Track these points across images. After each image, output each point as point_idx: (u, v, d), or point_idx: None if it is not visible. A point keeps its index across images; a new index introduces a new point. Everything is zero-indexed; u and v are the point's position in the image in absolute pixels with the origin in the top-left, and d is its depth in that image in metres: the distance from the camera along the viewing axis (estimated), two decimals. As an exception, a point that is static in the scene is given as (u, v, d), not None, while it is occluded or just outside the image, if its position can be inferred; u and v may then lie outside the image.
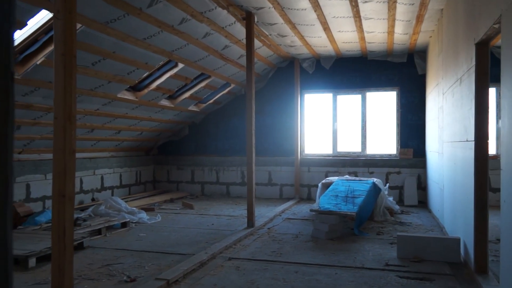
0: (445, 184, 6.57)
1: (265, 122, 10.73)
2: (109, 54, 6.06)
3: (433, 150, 8.09)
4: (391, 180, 9.78)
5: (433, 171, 8.19)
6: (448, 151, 6.15)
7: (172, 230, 6.80)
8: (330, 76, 10.32)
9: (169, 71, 7.84)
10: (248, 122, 6.81)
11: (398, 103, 9.95)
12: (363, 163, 10.01)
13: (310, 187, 10.35)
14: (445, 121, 6.44)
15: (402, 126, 9.88)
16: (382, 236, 6.37)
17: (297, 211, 8.70)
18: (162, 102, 8.87)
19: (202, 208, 8.99)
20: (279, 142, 10.63)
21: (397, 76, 9.94)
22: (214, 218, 7.92)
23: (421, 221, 7.50)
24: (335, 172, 10.13)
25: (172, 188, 11.28)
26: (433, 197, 8.29)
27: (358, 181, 7.82)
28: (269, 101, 10.72)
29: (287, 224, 7.35)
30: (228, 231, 6.71)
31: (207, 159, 11.07)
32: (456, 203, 5.42)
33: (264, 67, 10.16)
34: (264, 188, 10.64)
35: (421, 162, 9.66)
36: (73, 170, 2.71)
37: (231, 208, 9.07)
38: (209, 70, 8.56)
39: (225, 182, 10.93)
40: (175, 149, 11.34)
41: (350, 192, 7.17)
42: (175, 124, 10.66)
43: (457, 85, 5.33)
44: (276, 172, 10.58)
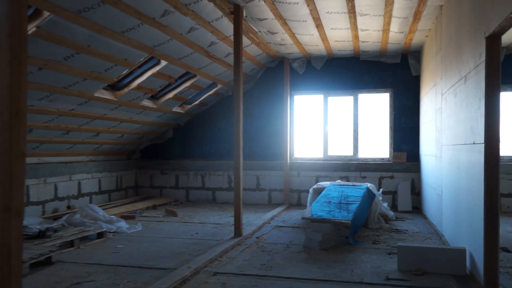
0: (444, 190, 6.19)
1: (253, 124, 10.28)
2: (83, 48, 5.56)
3: (429, 153, 7.72)
4: (384, 185, 9.40)
5: (429, 175, 7.82)
6: (449, 155, 5.76)
7: (153, 241, 6.30)
8: (321, 77, 9.93)
9: (151, 69, 7.35)
10: (236, 124, 6.35)
11: (391, 105, 9.59)
12: (355, 167, 9.62)
13: (300, 192, 9.91)
14: (445, 123, 6.06)
15: (395, 129, 9.51)
16: (378, 245, 5.95)
17: (287, 218, 8.26)
18: (144, 103, 8.36)
19: (187, 215, 8.48)
20: (268, 145, 10.19)
21: (390, 77, 9.59)
22: (199, 226, 7.43)
23: (418, 228, 7.11)
24: (326, 176, 9.71)
25: (155, 194, 10.74)
26: (428, 203, 7.92)
27: (352, 186, 7.41)
28: (257, 102, 10.28)
29: (277, 232, 6.90)
30: (214, 240, 6.23)
31: (193, 163, 10.57)
32: (459, 210, 5.02)
33: (252, 67, 9.72)
34: (252, 193, 10.17)
35: (415, 166, 9.30)
36: (22, 177, 2.22)
37: (217, 215, 8.58)
38: (195, 69, 8.08)
39: (211, 187, 10.44)
40: (159, 152, 10.82)
41: (344, 198, 6.75)
42: (159, 127, 10.15)
43: (461, 84, 4.94)
44: (265, 176, 10.13)
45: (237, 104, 6.33)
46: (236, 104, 6.34)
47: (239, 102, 6.32)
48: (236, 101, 6.35)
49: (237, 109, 6.32)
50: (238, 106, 6.32)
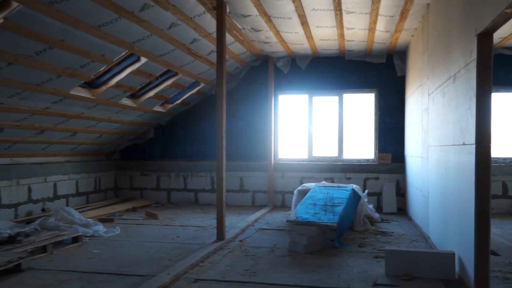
0: (431, 192, 6.07)
1: (237, 124, 10.07)
2: (57, 42, 5.27)
3: (415, 155, 7.62)
4: (369, 186, 9.28)
5: (414, 177, 7.71)
6: (436, 156, 5.64)
7: (131, 245, 6.03)
8: (305, 77, 9.77)
9: (131, 66, 7.07)
10: (219, 124, 6.13)
11: (377, 105, 9.49)
12: (340, 168, 9.48)
13: (284, 194, 9.74)
14: (432, 124, 5.94)
15: (380, 130, 9.41)
16: (364, 248, 5.80)
17: (271, 220, 8.06)
18: (123, 101, 8.07)
19: (168, 218, 8.22)
20: (252, 146, 9.99)
21: (375, 77, 9.48)
22: (180, 229, 7.18)
23: (403, 231, 6.99)
24: (311, 177, 9.55)
25: (136, 196, 10.44)
26: (414, 204, 7.82)
27: (337, 187, 7.25)
28: (241, 102, 10.07)
29: (261, 235, 6.70)
30: (195, 244, 6.00)
31: (174, 164, 10.30)
32: (447, 213, 4.89)
33: (236, 65, 9.51)
34: (235, 195, 9.95)
35: (400, 168, 9.20)
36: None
37: (199, 217, 8.34)
38: (176, 67, 7.83)
39: (194, 189, 10.19)
40: (139, 153, 10.53)
41: (329, 200, 6.59)
42: (139, 126, 9.85)
43: (450, 83, 4.82)
44: (248, 177, 9.92)
45: (220, 103, 6.11)
46: (219, 103, 6.12)
47: (222, 101, 6.10)
48: (219, 100, 6.13)
49: (220, 108, 6.10)
50: (221, 105, 6.10)
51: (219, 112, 6.10)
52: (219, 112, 6.10)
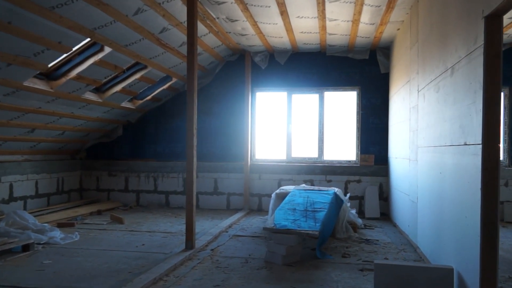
0: (420, 197, 5.60)
1: (211, 123, 9.46)
2: (3, 25, 4.57)
3: (401, 156, 7.17)
4: (350, 189, 8.80)
5: (400, 180, 7.26)
6: (427, 158, 5.17)
7: (89, 254, 5.36)
8: (284, 73, 9.23)
9: (93, 56, 6.40)
10: (189, 120, 5.53)
11: (359, 104, 9.02)
12: (320, 170, 8.97)
13: (261, 197, 9.17)
14: (422, 123, 5.47)
15: (363, 130, 8.95)
16: (349, 259, 5.28)
17: (247, 225, 7.48)
18: (87, 96, 7.37)
19: (134, 222, 7.55)
20: (227, 146, 9.40)
21: (358, 74, 9.02)
22: (147, 235, 6.53)
23: (389, 238, 6.51)
24: (289, 180, 9.03)
25: (102, 198, 9.71)
26: (399, 210, 7.36)
27: (318, 191, 6.73)
28: (216, 99, 9.46)
29: (235, 243, 6.11)
30: (162, 254, 5.37)
31: (144, 164, 9.62)
32: (442, 221, 4.41)
33: (210, 59, 8.90)
34: (209, 197, 9.34)
35: (383, 170, 8.76)
36: None
37: (169, 222, 7.69)
38: (145, 59, 7.17)
39: (164, 190, 9.52)
40: (107, 152, 9.80)
41: (310, 205, 6.05)
42: (106, 123, 9.14)
43: (446, 76, 4.34)
44: (223, 179, 9.32)
45: (191, 97, 5.50)
46: (189, 97, 5.51)
47: (193, 96, 5.49)
48: (189, 94, 5.52)
49: (191, 103, 5.49)
50: (192, 100, 5.49)
51: (189, 107, 5.49)
52: (189, 107, 5.49)
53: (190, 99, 5.47)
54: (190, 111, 5.47)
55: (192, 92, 5.46)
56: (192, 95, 5.46)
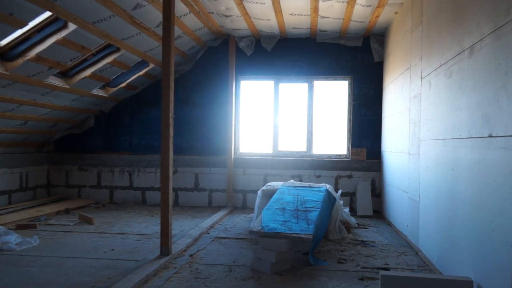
0: (423, 195, 5.03)
1: (192, 113, 8.76)
2: None
3: (397, 150, 6.60)
4: (341, 185, 8.23)
5: (396, 176, 6.70)
6: (434, 152, 4.58)
7: (47, 263, 4.64)
8: (271, 60, 8.57)
9: (55, 34, 5.63)
10: (165, 107, 4.83)
11: (350, 94, 8.43)
12: (309, 164, 8.37)
13: (245, 193, 8.53)
14: (427, 113, 4.88)
15: (355, 122, 8.36)
16: (345, 265, 4.68)
17: (230, 225, 6.84)
18: (51, 81, 6.60)
19: (106, 223, 6.83)
20: (209, 138, 8.71)
21: (350, 62, 8.42)
22: (118, 238, 5.83)
23: (386, 239, 5.95)
24: (276, 175, 8.40)
25: (72, 195, 8.93)
26: (394, 207, 6.81)
27: (309, 188, 6.12)
28: (197, 88, 8.76)
29: (217, 246, 5.46)
30: (133, 261, 4.69)
31: (119, 158, 8.87)
32: (456, 225, 3.83)
33: (191, 44, 8.17)
34: (189, 194, 8.66)
35: (376, 165, 8.20)
36: None
37: (144, 221, 7.00)
38: (116, 39, 6.42)
39: (141, 186, 8.79)
40: (77, 144, 9.01)
41: (301, 204, 5.43)
42: (76, 113, 8.35)
43: (462, 59, 3.74)
44: (205, 174, 8.64)
45: (167, 82, 4.80)
46: (165, 82, 4.81)
47: (169, 80, 4.79)
48: (165, 79, 4.81)
49: (167, 88, 4.79)
50: (168, 85, 4.79)
51: (165, 93, 4.79)
52: (164, 93, 4.79)
53: (166, 83, 4.77)
54: (165, 97, 4.77)
55: (168, 75, 4.76)
56: (168, 79, 4.76)
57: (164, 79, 4.78)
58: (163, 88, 4.78)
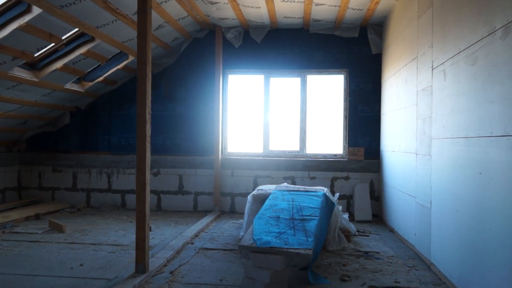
0: (436, 201, 4.45)
1: (176, 110, 8.09)
2: None
3: (401, 149, 6.02)
4: (337, 188, 7.64)
5: (399, 178, 6.13)
6: (453, 152, 4.00)
7: (1, 283, 3.95)
8: (261, 53, 7.94)
9: (17, 19, 4.93)
10: (140, 102, 4.16)
11: (346, 89, 7.84)
12: (302, 165, 7.75)
13: (234, 197, 7.88)
14: (442, 107, 4.30)
15: (351, 119, 7.77)
16: (350, 283, 4.08)
17: (217, 233, 6.19)
18: (17, 73, 5.89)
19: (79, 230, 6.14)
20: (194, 137, 8.05)
21: (345, 55, 7.82)
22: (91, 250, 5.15)
23: (391, 249, 5.36)
24: (267, 177, 7.78)
25: (46, 198, 8.20)
26: (397, 212, 6.24)
27: (304, 192, 5.51)
28: (181, 82, 8.09)
29: (202, 260, 4.81)
30: (103, 280, 4.03)
31: (96, 158, 8.16)
32: (486, 242, 3.24)
33: (174, 35, 7.50)
34: (173, 197, 7.98)
35: (374, 165, 7.62)
36: None
37: (122, 229, 6.32)
38: (89, 27, 5.74)
39: (120, 189, 8.10)
40: (51, 144, 8.28)
41: (297, 211, 4.82)
42: (49, 109, 7.63)
43: (492, 41, 3.15)
44: (190, 176, 7.98)
45: (143, 72, 4.14)
46: (140, 72, 4.15)
47: (145, 69, 4.13)
48: (140, 68, 4.15)
49: (143, 79, 4.13)
50: (144, 75, 4.13)
51: (140, 84, 4.12)
52: (140, 85, 4.12)
53: (142, 73, 4.11)
54: (141, 90, 4.11)
55: (145, 64, 4.11)
56: (144, 69, 4.10)
57: (140, 69, 4.12)
58: (138, 79, 4.11)
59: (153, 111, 8.07)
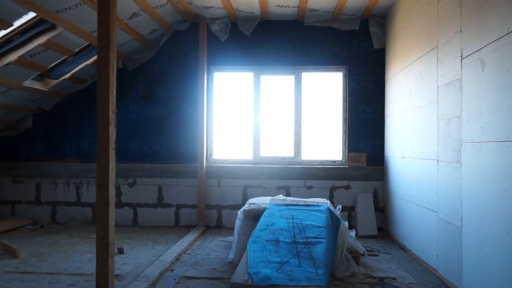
0: (470, 219, 3.63)
1: (155, 112, 7.17)
2: None
3: (414, 155, 5.21)
4: (337, 198, 6.81)
5: (412, 187, 5.31)
6: (498, 160, 3.18)
7: None
8: (251, 47, 7.09)
9: (-49, -3, 3.99)
10: (102, 98, 3.26)
11: (346, 88, 7.02)
12: (297, 173, 6.90)
13: (220, 209, 6.98)
14: (479, 104, 3.49)
15: (351, 122, 6.95)
16: (369, 325, 3.21)
17: (202, 254, 5.28)
18: (-41, 66, 4.92)
19: (36, 254, 5.16)
20: (176, 142, 7.14)
21: (344, 50, 7.02)
22: (45, 282, 4.19)
23: (408, 274, 4.52)
24: (258, 186, 6.90)
25: (5, 213, 7.17)
26: (409, 227, 5.42)
27: (304, 207, 4.67)
28: (160, 80, 7.18)
29: (184, 293, 3.91)
30: (54, 329, 3.09)
31: (64, 166, 7.17)
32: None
33: (152, 26, 6.60)
34: (151, 211, 7.04)
35: (378, 172, 6.81)
36: None
37: (89, 251, 5.36)
38: (48, 11, 4.79)
39: (91, 202, 7.12)
40: (11, 150, 7.28)
41: (299, 232, 3.96)
42: (6, 111, 6.65)
43: None
44: (171, 186, 7.05)
45: (104, 61, 3.24)
46: (102, 62, 3.24)
47: (108, 56, 3.23)
48: (102, 56, 3.25)
49: (104, 69, 3.23)
50: (107, 64, 3.23)
51: (102, 75, 3.22)
52: (102, 76, 3.22)
53: (104, 61, 3.21)
54: (103, 83, 3.20)
55: (107, 50, 3.21)
56: (107, 55, 3.21)
57: (101, 54, 3.21)
58: (99, 69, 3.21)
59: (128, 113, 7.15)
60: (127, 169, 7.03)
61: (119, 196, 7.04)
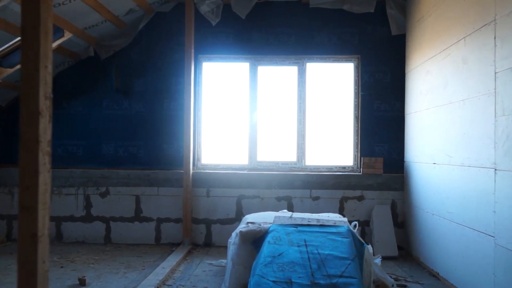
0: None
1: (133, 108, 6.06)
2: None
3: (452, 162, 4.17)
4: (348, 211, 5.75)
5: (448, 202, 4.28)
6: None
7: None
8: (247, 33, 6.02)
9: None
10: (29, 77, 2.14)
11: (358, 81, 5.98)
12: (301, 181, 5.82)
13: (210, 224, 5.87)
14: None
15: (364, 120, 5.91)
16: None
17: (187, 285, 4.17)
18: None
19: (-27, 288, 4.02)
20: (157, 144, 6.03)
21: (357, 37, 5.98)
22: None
23: (452, 315, 3.47)
24: (255, 197, 5.81)
25: (-49, 228, 6.01)
26: (446, 251, 4.38)
27: (318, 228, 3.62)
28: (139, 72, 6.07)
29: None
30: None
31: (23, 173, 6.02)
32: None
33: (129, 5, 5.49)
34: (127, 226, 5.91)
35: (396, 181, 5.76)
36: None
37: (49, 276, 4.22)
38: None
39: (55, 215, 5.96)
40: (-40, 154, 6.12)
41: (318, 267, 2.90)
42: (-50, 106, 5.50)
43: None
44: (151, 197, 5.92)
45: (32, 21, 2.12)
46: (28, 22, 2.13)
47: (38, 11, 2.11)
48: (27, 12, 2.13)
49: (33, 28, 2.11)
50: (36, 23, 2.11)
51: (29, 36, 2.11)
52: (29, 38, 2.11)
53: (32, 19, 2.10)
54: (30, 47, 2.09)
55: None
56: (36, 7, 2.09)
57: (26, 11, 2.10)
58: (23, 28, 2.09)
59: (101, 110, 6.04)
60: (98, 176, 5.91)
61: (88, 208, 5.91)
